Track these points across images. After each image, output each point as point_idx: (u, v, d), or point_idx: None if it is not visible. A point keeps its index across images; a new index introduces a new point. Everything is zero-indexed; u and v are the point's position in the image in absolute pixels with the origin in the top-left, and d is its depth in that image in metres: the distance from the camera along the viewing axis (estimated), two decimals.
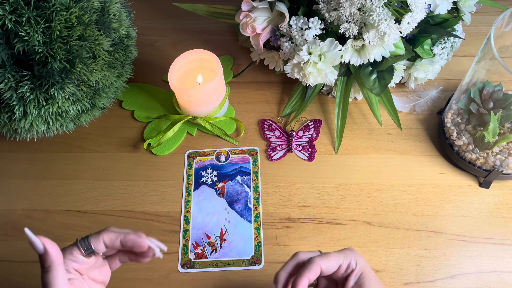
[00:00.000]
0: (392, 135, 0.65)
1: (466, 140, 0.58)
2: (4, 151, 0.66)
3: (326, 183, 0.61)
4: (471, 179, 0.60)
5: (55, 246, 0.40)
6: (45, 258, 0.39)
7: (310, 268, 0.41)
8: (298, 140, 0.65)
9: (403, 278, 0.53)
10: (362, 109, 0.68)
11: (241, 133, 0.66)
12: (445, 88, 0.68)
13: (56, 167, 0.65)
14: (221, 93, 0.65)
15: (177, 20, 0.83)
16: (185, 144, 0.66)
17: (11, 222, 0.60)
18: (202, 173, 0.63)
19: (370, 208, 0.58)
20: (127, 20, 0.61)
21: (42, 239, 0.39)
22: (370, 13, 0.52)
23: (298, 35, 0.57)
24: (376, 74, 0.60)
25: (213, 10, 0.68)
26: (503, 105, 0.55)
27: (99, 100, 0.60)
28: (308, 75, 0.58)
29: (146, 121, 0.68)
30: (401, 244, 0.55)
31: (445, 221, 0.57)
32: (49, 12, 0.48)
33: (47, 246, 0.39)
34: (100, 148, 0.66)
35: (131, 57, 0.63)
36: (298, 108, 0.66)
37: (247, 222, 0.58)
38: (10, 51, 0.49)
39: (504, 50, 0.56)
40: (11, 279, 0.55)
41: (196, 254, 0.56)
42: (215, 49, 0.74)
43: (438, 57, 0.63)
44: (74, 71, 0.52)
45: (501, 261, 0.54)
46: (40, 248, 0.39)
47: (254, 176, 0.62)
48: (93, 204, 0.61)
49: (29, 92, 0.51)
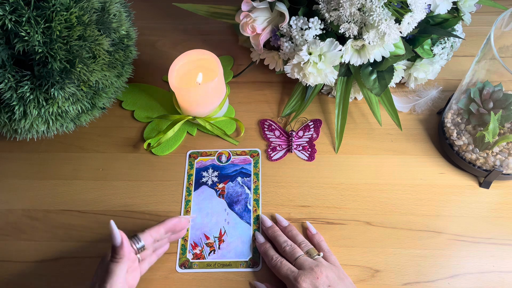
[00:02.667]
0: (392, 135, 0.65)
1: (466, 140, 0.58)
2: (4, 151, 0.66)
3: (326, 183, 0.61)
4: (471, 179, 0.60)
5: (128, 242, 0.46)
6: (119, 251, 0.45)
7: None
8: (298, 140, 0.65)
9: (403, 278, 0.53)
10: (362, 109, 0.68)
11: (241, 133, 0.66)
12: (445, 88, 0.68)
13: (56, 167, 0.65)
14: (221, 93, 0.65)
15: (177, 20, 0.83)
16: (185, 144, 0.66)
17: (11, 222, 0.60)
18: (203, 173, 0.63)
19: (370, 208, 0.58)
20: (127, 20, 0.61)
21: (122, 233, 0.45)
22: (370, 13, 0.52)
23: (298, 35, 0.57)
24: (376, 74, 0.60)
25: (213, 10, 0.68)
26: (503, 105, 0.55)
27: (99, 100, 0.60)
28: (308, 75, 0.58)
29: (146, 121, 0.68)
30: (401, 244, 0.55)
31: (445, 221, 0.57)
32: (49, 12, 0.48)
33: (124, 241, 0.45)
34: (100, 148, 0.66)
35: (131, 57, 0.63)
36: (298, 108, 0.66)
37: (246, 224, 0.58)
38: (10, 51, 0.49)
39: (504, 50, 0.56)
40: (11, 279, 0.55)
41: (194, 254, 0.56)
42: (215, 49, 0.74)
43: (438, 57, 0.63)
44: (74, 71, 0.52)
45: (501, 261, 0.54)
46: (118, 241, 0.44)
47: (254, 178, 0.62)
48: (93, 204, 0.61)
49: (29, 92, 0.51)
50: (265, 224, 0.57)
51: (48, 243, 0.58)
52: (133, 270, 0.49)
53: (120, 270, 0.44)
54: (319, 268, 0.48)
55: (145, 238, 0.49)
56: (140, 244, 0.48)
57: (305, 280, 0.47)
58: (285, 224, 0.56)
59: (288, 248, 0.52)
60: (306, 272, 0.48)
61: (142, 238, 0.48)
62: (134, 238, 0.48)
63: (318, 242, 0.54)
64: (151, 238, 0.49)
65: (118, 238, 0.44)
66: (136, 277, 0.49)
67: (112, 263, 0.44)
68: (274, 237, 0.54)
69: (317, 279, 0.47)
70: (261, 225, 0.57)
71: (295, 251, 0.51)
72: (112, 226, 0.44)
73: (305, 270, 0.48)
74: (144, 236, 0.49)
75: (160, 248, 0.53)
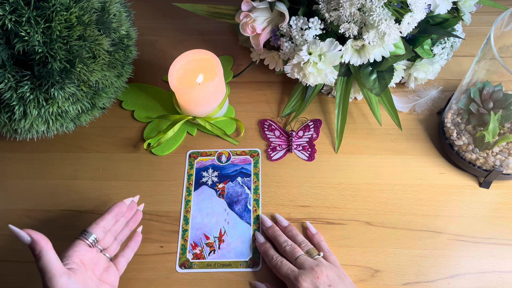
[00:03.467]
0: (392, 135, 0.65)
1: (466, 140, 0.58)
2: (4, 151, 0.66)
3: (326, 183, 0.61)
4: (471, 179, 0.60)
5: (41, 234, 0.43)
6: (34, 247, 0.42)
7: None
8: (298, 140, 0.65)
9: (403, 278, 0.53)
10: (362, 109, 0.68)
11: (241, 133, 0.66)
12: (445, 88, 0.68)
13: (56, 167, 0.65)
14: (221, 93, 0.65)
15: (177, 20, 0.83)
16: (185, 144, 0.66)
17: (11, 222, 0.60)
18: (203, 173, 0.63)
19: (370, 208, 0.58)
20: (127, 20, 0.61)
21: (27, 231, 0.42)
22: (370, 13, 0.52)
23: (298, 35, 0.57)
24: (376, 74, 0.60)
25: (213, 10, 0.68)
26: (503, 105, 0.55)
27: (99, 100, 0.60)
28: (308, 75, 0.58)
29: (146, 121, 0.68)
30: (401, 244, 0.55)
31: (445, 221, 0.57)
32: (49, 12, 0.48)
33: (32, 235, 0.42)
34: (100, 148, 0.66)
35: (131, 57, 0.63)
36: (298, 108, 0.66)
37: (246, 224, 0.58)
38: (10, 51, 0.49)
39: (504, 50, 0.56)
40: (11, 279, 0.55)
41: (194, 254, 0.56)
42: (215, 49, 0.74)
43: (438, 57, 0.63)
44: (74, 71, 0.52)
45: (501, 261, 0.54)
46: (27, 239, 0.42)
47: (254, 178, 0.62)
48: (93, 204, 0.61)
49: (29, 92, 0.51)
50: (265, 224, 0.57)
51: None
52: (105, 268, 0.49)
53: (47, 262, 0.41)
54: (319, 267, 0.48)
55: (94, 230, 0.49)
56: (91, 236, 0.48)
57: (306, 279, 0.47)
58: (285, 224, 0.56)
59: (289, 248, 0.52)
60: (307, 271, 0.48)
61: (89, 230, 0.49)
62: (82, 234, 0.48)
63: (318, 242, 0.54)
64: (100, 228, 0.49)
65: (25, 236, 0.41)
66: (113, 274, 0.49)
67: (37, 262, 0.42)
68: (274, 237, 0.54)
69: (317, 279, 0.47)
70: (261, 225, 0.57)
71: (296, 251, 0.51)
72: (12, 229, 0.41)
73: (306, 269, 0.48)
74: (92, 228, 0.49)
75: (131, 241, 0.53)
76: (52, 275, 0.41)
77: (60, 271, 0.42)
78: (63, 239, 0.58)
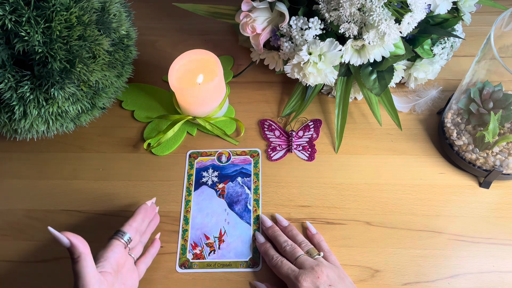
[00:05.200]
0: (392, 135, 0.65)
1: (466, 140, 0.58)
2: (4, 151, 0.66)
3: (326, 183, 0.61)
4: (471, 179, 0.60)
5: (80, 238, 0.44)
6: (73, 251, 0.43)
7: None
8: (298, 140, 0.65)
9: (403, 278, 0.53)
10: (362, 109, 0.68)
11: (241, 133, 0.66)
12: (445, 88, 0.68)
13: (56, 167, 0.65)
14: (221, 93, 0.65)
15: (177, 20, 0.83)
16: (185, 144, 0.66)
17: (11, 222, 0.60)
18: (203, 173, 0.63)
19: (370, 208, 0.58)
20: (127, 20, 0.61)
21: (66, 234, 0.43)
22: (370, 13, 0.52)
23: (298, 35, 0.57)
24: (376, 74, 0.60)
25: (213, 10, 0.68)
26: (503, 105, 0.55)
27: (99, 100, 0.60)
28: (308, 75, 0.58)
29: (146, 121, 0.68)
30: (401, 244, 0.55)
31: (445, 221, 0.57)
32: (49, 12, 0.48)
33: (72, 239, 0.43)
34: (100, 148, 0.66)
35: (131, 57, 0.63)
36: (298, 108, 0.66)
37: (246, 224, 0.58)
38: (10, 51, 0.49)
39: (504, 50, 0.56)
40: (11, 279, 0.55)
41: (194, 254, 0.56)
42: (215, 49, 0.74)
43: (438, 57, 0.63)
44: (74, 71, 0.52)
45: (501, 261, 0.54)
46: (66, 242, 0.43)
47: (254, 178, 0.62)
48: (93, 204, 0.61)
49: (29, 92, 0.51)
50: (265, 224, 0.57)
51: (48, 243, 0.58)
52: (129, 270, 0.49)
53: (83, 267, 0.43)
54: (319, 267, 0.48)
55: (128, 230, 0.50)
56: (126, 236, 0.49)
57: (306, 279, 0.47)
58: (285, 224, 0.56)
59: (289, 247, 0.52)
60: (307, 271, 0.48)
61: (124, 230, 0.50)
62: (118, 233, 0.49)
63: (318, 242, 0.54)
64: (133, 229, 0.51)
65: (65, 240, 0.43)
66: (133, 278, 0.50)
67: (73, 265, 0.43)
68: (274, 237, 0.54)
69: (318, 279, 0.47)
70: (261, 225, 0.57)
71: (296, 251, 0.51)
72: (52, 231, 0.43)
73: (306, 269, 0.48)
74: (126, 228, 0.50)
75: (152, 248, 0.55)
76: (86, 283, 0.42)
77: (94, 280, 0.43)
78: None
